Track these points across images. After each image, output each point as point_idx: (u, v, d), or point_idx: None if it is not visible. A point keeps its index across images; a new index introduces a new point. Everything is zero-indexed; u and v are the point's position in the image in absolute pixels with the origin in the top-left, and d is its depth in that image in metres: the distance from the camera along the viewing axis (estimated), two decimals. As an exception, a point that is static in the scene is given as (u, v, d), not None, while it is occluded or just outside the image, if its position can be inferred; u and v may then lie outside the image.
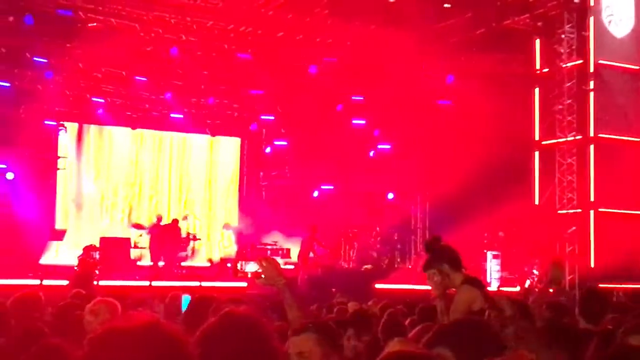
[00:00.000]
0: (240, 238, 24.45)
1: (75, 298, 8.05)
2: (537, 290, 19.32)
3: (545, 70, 22.14)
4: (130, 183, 24.37)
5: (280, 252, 22.66)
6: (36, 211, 21.19)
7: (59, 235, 21.25)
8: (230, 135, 25.63)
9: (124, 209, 24.14)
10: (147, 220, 23.33)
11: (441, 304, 6.50)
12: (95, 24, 20.13)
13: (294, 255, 22.12)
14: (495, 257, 21.77)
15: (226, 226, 25.05)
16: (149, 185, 24.62)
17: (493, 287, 21.13)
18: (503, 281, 21.35)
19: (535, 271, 21.57)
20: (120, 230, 23.32)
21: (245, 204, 25.33)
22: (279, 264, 4.75)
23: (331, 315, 8.68)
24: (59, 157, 22.80)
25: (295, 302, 4.63)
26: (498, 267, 21.65)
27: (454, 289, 6.65)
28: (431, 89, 22.89)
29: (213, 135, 25.20)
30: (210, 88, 22.95)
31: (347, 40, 21.66)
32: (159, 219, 22.54)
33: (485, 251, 21.77)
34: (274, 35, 21.57)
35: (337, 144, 23.81)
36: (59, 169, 22.84)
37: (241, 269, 20.79)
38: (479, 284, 6.74)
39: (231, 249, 24.42)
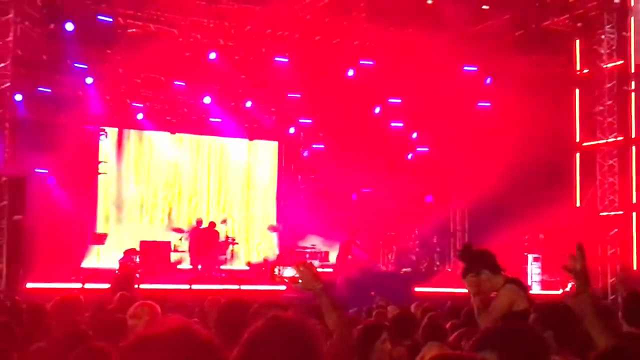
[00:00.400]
0: (279, 241, 24.52)
1: (121, 301, 8.13)
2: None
3: (586, 71, 21.92)
4: (169, 187, 24.55)
5: (318, 255, 22.69)
6: (77, 215, 21.45)
7: (100, 239, 21.46)
8: (268, 139, 25.70)
9: (164, 212, 24.32)
10: (187, 224, 23.47)
11: (478, 302, 6.46)
12: (134, 29, 20.34)
13: (333, 259, 22.14)
14: (535, 260, 21.59)
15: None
16: (188, 189, 24.78)
17: (534, 290, 20.96)
18: (544, 284, 21.16)
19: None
20: (160, 233, 23.52)
21: (283, 208, 25.38)
22: (315, 268, 4.74)
23: (370, 319, 8.66)
24: (100, 162, 23.04)
25: (333, 306, 4.62)
26: (539, 270, 21.48)
27: (494, 293, 6.61)
28: (470, 91, 22.75)
29: (251, 139, 25.29)
30: (248, 92, 23.03)
31: (385, 43, 21.62)
32: (199, 222, 22.70)
33: (525, 254, 21.60)
34: (311, 39, 21.61)
35: (375, 147, 23.76)
36: (99, 173, 23.07)
37: (279, 273, 20.83)
38: (521, 284, 6.70)
39: (271, 252, 24.48)
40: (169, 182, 24.56)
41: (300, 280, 4.61)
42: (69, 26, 19.06)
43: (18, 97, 18.56)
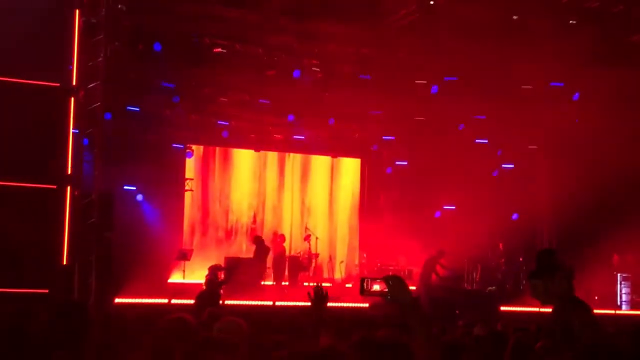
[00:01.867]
0: (363, 258, 24.46)
1: (210, 318, 8.21)
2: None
3: (677, 85, 21.34)
4: (253, 204, 24.79)
5: (402, 272, 22.50)
6: (164, 232, 21.83)
7: (186, 255, 21.77)
8: (351, 156, 25.75)
9: (248, 228, 24.55)
10: (271, 241, 23.62)
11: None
12: (220, 48, 20.66)
13: (416, 276, 21.96)
14: (625, 279, 21.08)
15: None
16: (272, 206, 24.98)
17: (623, 309, 20.49)
18: (633, 304, 20.66)
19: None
20: (244, 249, 23.75)
21: (367, 225, 25.33)
22: (405, 281, 4.67)
23: (450, 338, 8.53)
24: (186, 179, 23.45)
25: (422, 321, 4.55)
26: (628, 290, 20.96)
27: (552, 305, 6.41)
28: (557, 107, 22.36)
29: (334, 156, 25.37)
30: (332, 109, 23.11)
31: (469, 59, 21.42)
32: (282, 239, 22.84)
33: (615, 273, 21.10)
34: (394, 57, 21.58)
35: (459, 164, 23.52)
36: (186, 190, 23.47)
37: (366, 287, 20.71)
38: (587, 306, 6.44)
39: (354, 269, 24.47)
40: (252, 200, 24.80)
41: (389, 296, 4.55)
42: (157, 46, 19.49)
43: (107, 116, 19.02)
